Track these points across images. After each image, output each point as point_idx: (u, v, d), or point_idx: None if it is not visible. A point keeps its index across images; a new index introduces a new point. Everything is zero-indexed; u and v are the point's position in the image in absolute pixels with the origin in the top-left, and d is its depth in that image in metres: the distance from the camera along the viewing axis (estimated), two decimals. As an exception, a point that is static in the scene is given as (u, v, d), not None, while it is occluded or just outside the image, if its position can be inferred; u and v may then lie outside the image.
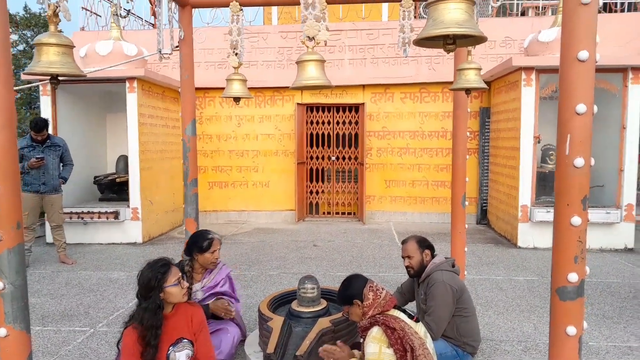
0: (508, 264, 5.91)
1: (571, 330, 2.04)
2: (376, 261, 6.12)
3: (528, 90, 6.68)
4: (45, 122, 5.89)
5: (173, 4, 3.64)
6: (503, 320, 4.09)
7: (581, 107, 2.01)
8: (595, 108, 2.07)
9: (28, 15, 14.82)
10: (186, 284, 2.59)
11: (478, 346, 3.30)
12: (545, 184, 7.11)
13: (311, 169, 9.26)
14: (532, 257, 6.18)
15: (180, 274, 2.57)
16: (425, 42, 1.87)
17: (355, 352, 2.78)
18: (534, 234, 6.68)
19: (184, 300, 2.59)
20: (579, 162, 2.02)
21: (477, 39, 1.87)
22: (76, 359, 3.49)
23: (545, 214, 6.47)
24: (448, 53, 1.93)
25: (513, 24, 8.48)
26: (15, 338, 2.21)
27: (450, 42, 1.80)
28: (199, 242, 3.32)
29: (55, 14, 2.03)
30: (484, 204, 8.52)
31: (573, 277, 2.03)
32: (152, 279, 2.48)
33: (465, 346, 3.19)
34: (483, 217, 8.52)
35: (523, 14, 9.77)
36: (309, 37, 2.67)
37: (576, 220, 2.03)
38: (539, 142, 6.80)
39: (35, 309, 4.50)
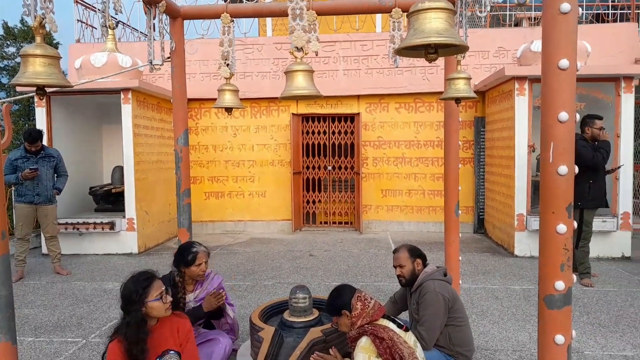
0: (504, 272, 5.89)
1: (559, 339, 2.03)
2: (372, 270, 6.10)
3: (521, 99, 6.70)
4: (39, 133, 5.90)
5: (164, 15, 3.67)
6: (498, 329, 4.07)
7: (563, 115, 2.01)
8: (578, 116, 2.08)
9: (25, 28, 14.92)
10: (169, 299, 2.52)
11: (472, 355, 3.27)
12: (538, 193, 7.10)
13: (307, 179, 9.26)
14: (529, 266, 6.16)
15: (162, 288, 2.51)
16: (407, 51, 1.88)
17: (347, 359, 2.76)
18: (531, 243, 6.67)
19: (167, 314, 2.53)
20: (563, 169, 2.02)
21: (458, 48, 1.89)
22: (66, 371, 3.46)
23: (541, 223, 6.45)
24: (430, 62, 1.94)
25: (506, 34, 8.54)
26: (0, 350, 2.20)
27: (432, 51, 1.81)
28: (184, 256, 3.31)
29: (42, 26, 2.04)
30: (480, 213, 8.51)
31: (560, 285, 2.02)
32: (133, 293, 2.44)
33: (459, 355, 3.16)
34: (480, 226, 8.51)
35: (517, 24, 9.84)
36: (297, 47, 2.68)
37: (562, 227, 2.03)
38: (533, 151, 6.81)
39: (29, 320, 4.48)
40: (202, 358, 3.28)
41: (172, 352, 2.57)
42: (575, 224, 2.14)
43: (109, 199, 7.85)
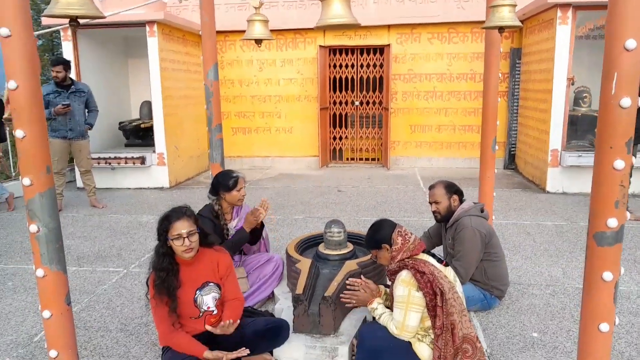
0: (536, 208, 5.82)
1: (607, 275, 1.99)
2: (401, 206, 6.10)
3: (563, 28, 6.31)
4: (62, 59, 5.90)
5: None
6: (531, 264, 4.07)
7: (631, 43, 1.86)
8: (647, 43, 1.92)
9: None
10: (188, 242, 2.46)
11: (506, 290, 3.30)
12: (577, 128, 6.86)
13: (334, 115, 9.12)
14: (561, 202, 6.07)
15: (184, 231, 2.45)
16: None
17: (381, 287, 2.79)
18: (564, 179, 6.52)
19: (185, 257, 2.51)
20: (626, 102, 1.89)
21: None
22: (112, 298, 3.63)
23: (577, 159, 6.28)
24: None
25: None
26: (52, 279, 2.28)
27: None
28: (225, 181, 3.33)
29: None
30: (512, 149, 8.31)
31: (613, 222, 1.95)
32: (159, 226, 2.51)
33: (493, 290, 3.19)
34: (511, 161, 8.34)
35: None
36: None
37: (619, 163, 1.93)
38: (572, 84, 6.50)
39: (71, 250, 4.67)
40: (258, 278, 3.42)
41: (212, 284, 2.64)
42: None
43: (139, 134, 7.91)
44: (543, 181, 6.74)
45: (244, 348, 2.49)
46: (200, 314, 2.61)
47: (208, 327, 2.50)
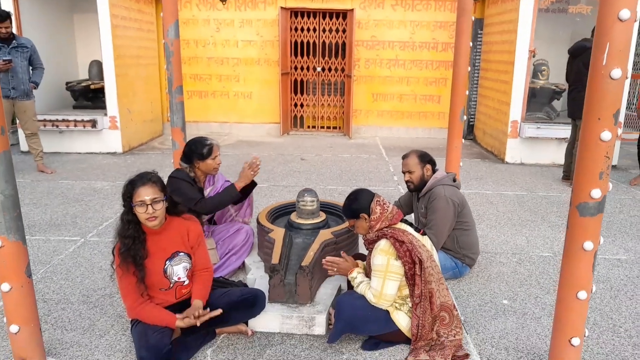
0: (496, 178, 5.97)
1: (588, 245, 2.03)
2: (365, 175, 6.09)
3: (526, 0, 6.35)
4: (7, 13, 5.37)
5: None
6: (496, 233, 4.17)
7: (625, 13, 1.85)
8: (639, 13, 1.91)
9: None
10: (151, 210, 2.33)
11: (476, 258, 3.36)
12: (535, 100, 7.03)
13: (295, 81, 8.91)
14: (520, 173, 6.25)
15: (148, 197, 2.32)
16: None
17: (359, 262, 2.78)
18: (522, 150, 6.71)
19: (149, 225, 2.38)
20: (616, 73, 1.89)
21: None
22: (70, 268, 3.42)
23: (535, 130, 6.46)
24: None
25: None
26: (11, 249, 2.11)
27: None
28: (198, 150, 3.15)
29: None
30: (471, 119, 8.46)
31: (596, 193, 1.98)
32: (124, 191, 2.38)
33: (465, 258, 3.24)
34: (469, 132, 8.50)
35: None
36: None
37: (606, 135, 1.94)
38: (534, 56, 6.61)
39: (19, 219, 4.36)
40: (228, 248, 3.31)
41: (182, 253, 2.53)
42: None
43: (88, 95, 7.44)
44: (502, 152, 6.91)
45: (216, 310, 2.41)
46: (171, 285, 2.50)
47: (179, 323, 2.37)
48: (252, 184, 3.36)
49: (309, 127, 9.24)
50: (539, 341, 2.58)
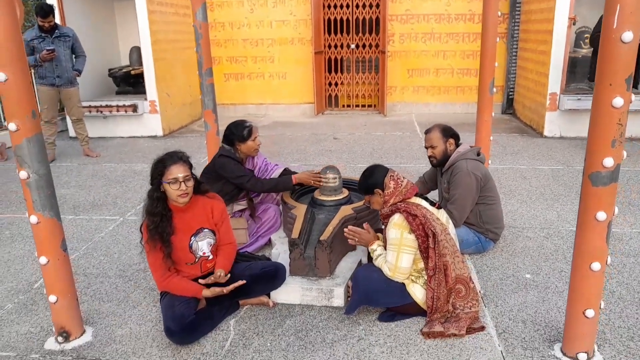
0: (533, 153, 5.81)
1: (601, 215, 1.99)
2: (397, 152, 6.07)
3: (567, -36, 6.04)
4: (50, 7, 5.65)
5: None
6: (526, 208, 4.09)
7: (636, -28, 1.77)
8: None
9: None
10: (184, 187, 2.44)
11: (500, 233, 3.33)
12: (576, 70, 6.72)
13: (329, 59, 8.88)
14: (559, 147, 6.04)
15: (180, 175, 2.42)
16: None
17: (379, 235, 2.82)
18: (562, 123, 6.47)
19: (180, 202, 2.49)
20: (627, 36, 1.82)
21: None
22: (109, 245, 3.66)
23: (576, 102, 6.19)
24: None
25: None
26: (46, 225, 2.28)
27: None
28: (238, 132, 3.29)
29: None
30: (510, 93, 8.19)
31: (609, 161, 1.93)
32: (153, 169, 2.48)
33: (488, 233, 3.22)
34: (509, 106, 8.25)
35: None
36: None
37: (618, 101, 1.88)
38: (574, 24, 6.30)
39: (67, 199, 4.66)
40: (257, 227, 3.45)
41: (206, 230, 2.65)
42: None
43: (129, 81, 7.73)
44: (540, 125, 6.68)
45: (241, 280, 2.54)
46: (196, 260, 2.63)
47: (202, 282, 2.53)
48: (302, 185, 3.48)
49: (343, 106, 9.23)
50: (559, 314, 2.56)
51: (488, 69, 3.93)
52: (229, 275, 2.59)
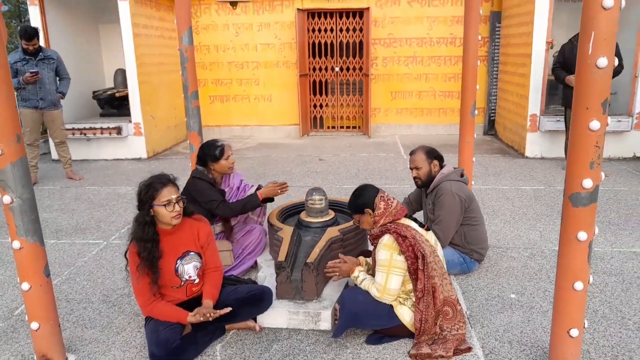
0: (515, 173, 5.91)
1: (582, 235, 2.03)
2: (382, 173, 6.12)
3: (543, -10, 6.25)
4: (35, 30, 5.63)
5: None
6: (509, 228, 4.15)
7: (608, 2, 1.85)
8: (623, 2, 1.91)
9: None
10: (178, 208, 2.47)
11: (485, 253, 3.36)
12: (555, 92, 6.91)
13: (314, 81, 8.99)
14: (540, 167, 6.16)
15: (173, 196, 2.45)
16: None
17: (361, 258, 2.82)
18: (542, 144, 6.61)
19: (173, 223, 2.50)
20: (602, 62, 1.89)
21: None
22: (93, 270, 3.59)
23: (555, 123, 6.34)
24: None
25: None
26: (29, 250, 2.24)
27: None
28: (210, 152, 3.28)
29: None
30: (492, 114, 8.36)
31: (588, 183, 1.99)
32: (143, 194, 2.46)
33: (473, 253, 3.25)
34: (490, 127, 8.41)
35: None
36: None
37: (595, 124, 1.94)
38: (551, 47, 6.50)
39: (49, 223, 4.59)
40: (241, 248, 3.43)
41: (192, 253, 2.63)
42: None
43: (114, 103, 7.71)
44: (522, 146, 6.82)
45: (227, 308, 2.51)
46: (182, 283, 2.60)
47: (190, 319, 2.47)
48: (271, 199, 3.46)
49: (328, 127, 9.30)
50: (544, 334, 2.58)
51: (470, 91, 4.01)
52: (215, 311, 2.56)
